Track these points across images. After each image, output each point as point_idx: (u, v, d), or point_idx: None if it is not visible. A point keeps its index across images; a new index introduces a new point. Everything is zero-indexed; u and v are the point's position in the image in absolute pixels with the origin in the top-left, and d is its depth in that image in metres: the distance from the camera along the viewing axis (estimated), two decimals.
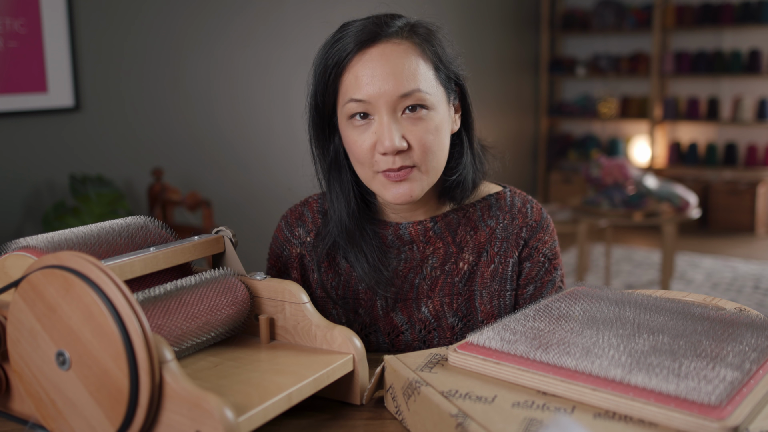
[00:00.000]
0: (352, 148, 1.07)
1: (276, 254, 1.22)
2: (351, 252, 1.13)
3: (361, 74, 1.03)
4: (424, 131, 1.04)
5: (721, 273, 4.80)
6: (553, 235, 1.18)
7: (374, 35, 1.04)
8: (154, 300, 0.85)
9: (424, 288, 1.15)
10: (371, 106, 1.04)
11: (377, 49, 1.04)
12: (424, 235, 1.16)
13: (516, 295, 1.16)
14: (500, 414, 0.73)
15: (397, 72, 1.03)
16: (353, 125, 1.06)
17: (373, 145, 1.04)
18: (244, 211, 3.76)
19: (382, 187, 1.07)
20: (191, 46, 3.49)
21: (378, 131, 1.04)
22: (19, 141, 2.84)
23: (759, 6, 5.75)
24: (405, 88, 1.03)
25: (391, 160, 1.04)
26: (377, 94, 1.03)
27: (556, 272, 1.17)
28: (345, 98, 1.05)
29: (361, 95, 1.03)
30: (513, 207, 1.18)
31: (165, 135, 3.41)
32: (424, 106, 1.05)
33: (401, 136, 1.03)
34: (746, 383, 0.73)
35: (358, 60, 1.04)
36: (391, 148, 1.02)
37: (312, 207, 1.22)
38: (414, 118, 1.04)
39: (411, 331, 1.16)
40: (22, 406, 0.86)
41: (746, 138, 6.12)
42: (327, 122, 1.11)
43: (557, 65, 6.61)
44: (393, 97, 1.03)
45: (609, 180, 4.08)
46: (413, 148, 1.04)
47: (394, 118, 1.04)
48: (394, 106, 1.03)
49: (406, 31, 1.06)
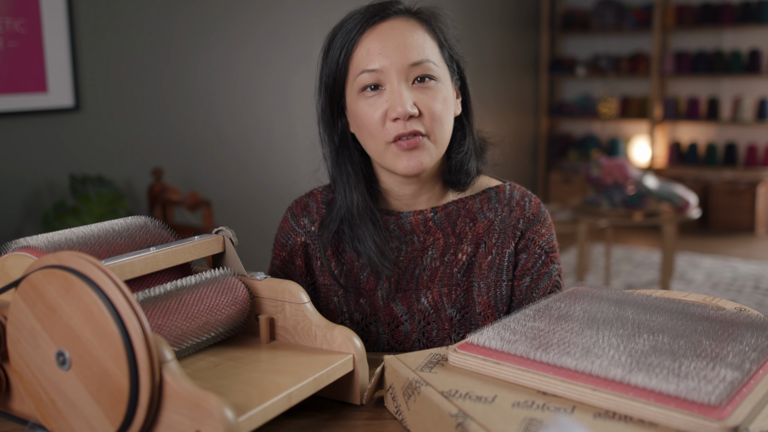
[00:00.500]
0: (363, 120, 1.10)
1: (281, 243, 1.24)
2: (359, 231, 1.15)
3: (372, 47, 1.08)
4: (433, 100, 1.09)
5: (721, 273, 4.80)
6: (550, 229, 1.20)
7: (382, 12, 1.11)
8: (154, 300, 0.85)
9: (424, 279, 1.17)
10: (383, 76, 1.08)
11: (386, 24, 1.10)
12: (424, 225, 1.18)
13: (512, 287, 1.17)
14: (500, 414, 0.73)
15: (407, 43, 1.08)
16: (365, 97, 1.09)
17: (384, 114, 1.08)
18: (244, 211, 3.76)
19: (395, 158, 1.10)
20: (191, 46, 3.49)
21: (390, 99, 1.08)
22: (19, 141, 2.84)
23: (759, 6, 5.75)
24: (415, 57, 1.08)
25: (402, 125, 1.07)
26: (389, 64, 1.07)
27: (553, 266, 1.18)
28: (356, 72, 1.10)
29: (373, 65, 1.08)
30: (512, 200, 1.20)
31: (165, 135, 3.41)
32: (433, 77, 1.09)
33: (413, 102, 1.07)
34: (746, 383, 0.73)
35: (368, 35, 1.09)
36: (404, 113, 1.06)
37: (317, 198, 1.24)
38: (423, 87, 1.09)
39: (410, 322, 1.17)
40: (22, 406, 0.86)
41: (746, 138, 6.12)
42: (336, 104, 1.14)
43: (557, 65, 6.61)
44: (404, 65, 1.08)
45: (609, 180, 4.08)
46: (423, 115, 1.08)
47: (406, 85, 1.08)
48: (405, 75, 1.08)
49: (411, 12, 1.13)
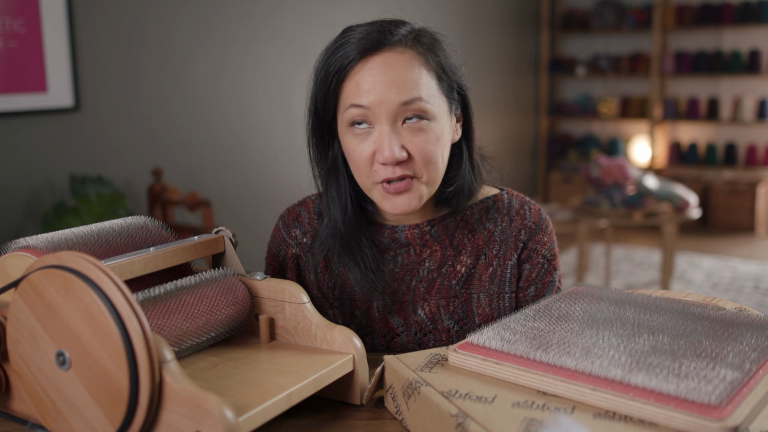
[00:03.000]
0: (351, 156, 1.06)
1: (273, 254, 1.22)
2: (344, 259, 1.13)
3: (362, 81, 1.02)
4: (424, 141, 1.03)
5: (721, 273, 4.80)
6: (551, 236, 1.18)
7: (377, 43, 1.02)
8: (154, 300, 0.85)
9: (421, 290, 1.15)
10: (372, 114, 1.02)
11: (380, 57, 1.02)
12: (420, 238, 1.15)
13: (517, 298, 1.16)
14: (500, 414, 0.73)
15: (400, 80, 1.01)
16: (353, 133, 1.04)
17: (372, 154, 1.03)
18: (244, 211, 3.76)
19: (381, 198, 1.06)
20: (191, 46, 3.49)
21: (378, 141, 1.02)
22: (19, 141, 2.84)
23: (759, 6, 5.75)
24: (406, 96, 1.01)
25: (390, 169, 1.03)
26: (378, 101, 1.01)
27: (555, 272, 1.17)
28: (346, 104, 1.04)
29: (361, 101, 1.02)
30: (511, 209, 1.17)
31: (165, 135, 3.41)
32: (425, 117, 1.03)
33: (401, 146, 1.02)
34: (746, 383, 0.73)
35: (360, 67, 1.02)
36: (391, 158, 1.01)
37: (309, 207, 1.21)
38: (415, 128, 1.03)
39: (407, 334, 1.15)
40: (22, 406, 0.86)
41: (746, 138, 6.12)
42: (327, 128, 1.10)
43: (557, 65, 6.61)
44: (394, 104, 1.01)
45: (609, 180, 4.08)
46: (413, 158, 1.03)
47: (395, 127, 1.02)
48: (395, 115, 1.02)
49: (410, 40, 1.04)
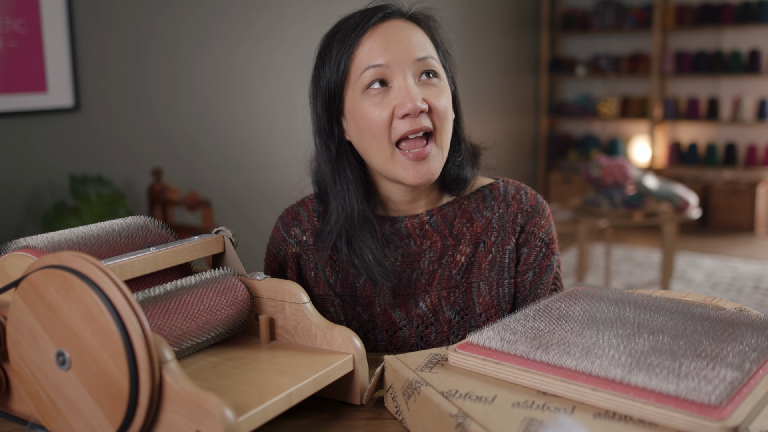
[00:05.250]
0: (367, 121, 1.06)
1: (272, 254, 1.22)
2: (356, 243, 1.11)
3: (375, 44, 1.06)
4: (439, 95, 1.07)
5: (721, 273, 4.80)
6: (549, 219, 1.18)
7: (382, 15, 1.08)
8: (154, 300, 0.85)
9: (422, 283, 1.15)
10: (389, 71, 1.05)
11: (387, 24, 1.08)
12: (420, 228, 1.16)
13: (515, 283, 1.16)
14: (500, 414, 0.73)
15: (411, 40, 1.07)
16: (369, 96, 1.06)
17: (391, 113, 1.05)
18: (244, 211, 3.76)
19: (402, 169, 1.07)
20: (191, 47, 3.49)
21: (398, 95, 1.05)
22: (19, 141, 2.84)
23: (759, 6, 5.75)
24: (421, 53, 1.07)
25: (410, 122, 1.05)
26: (395, 58, 1.05)
27: (554, 257, 1.17)
28: (359, 70, 1.06)
29: (379, 60, 1.05)
30: (507, 195, 1.18)
31: (165, 135, 3.41)
32: (437, 74, 1.08)
33: (422, 97, 1.05)
34: (746, 383, 0.73)
35: (370, 34, 1.07)
36: (414, 108, 1.03)
37: (308, 207, 1.22)
38: (429, 83, 1.07)
39: (409, 327, 1.15)
40: (22, 406, 0.86)
41: (746, 138, 6.12)
42: (334, 110, 1.11)
43: (557, 65, 6.61)
44: (410, 60, 1.06)
45: (609, 180, 4.08)
46: (431, 110, 1.07)
47: (413, 81, 1.06)
48: (411, 70, 1.06)
49: (408, 14, 1.11)
